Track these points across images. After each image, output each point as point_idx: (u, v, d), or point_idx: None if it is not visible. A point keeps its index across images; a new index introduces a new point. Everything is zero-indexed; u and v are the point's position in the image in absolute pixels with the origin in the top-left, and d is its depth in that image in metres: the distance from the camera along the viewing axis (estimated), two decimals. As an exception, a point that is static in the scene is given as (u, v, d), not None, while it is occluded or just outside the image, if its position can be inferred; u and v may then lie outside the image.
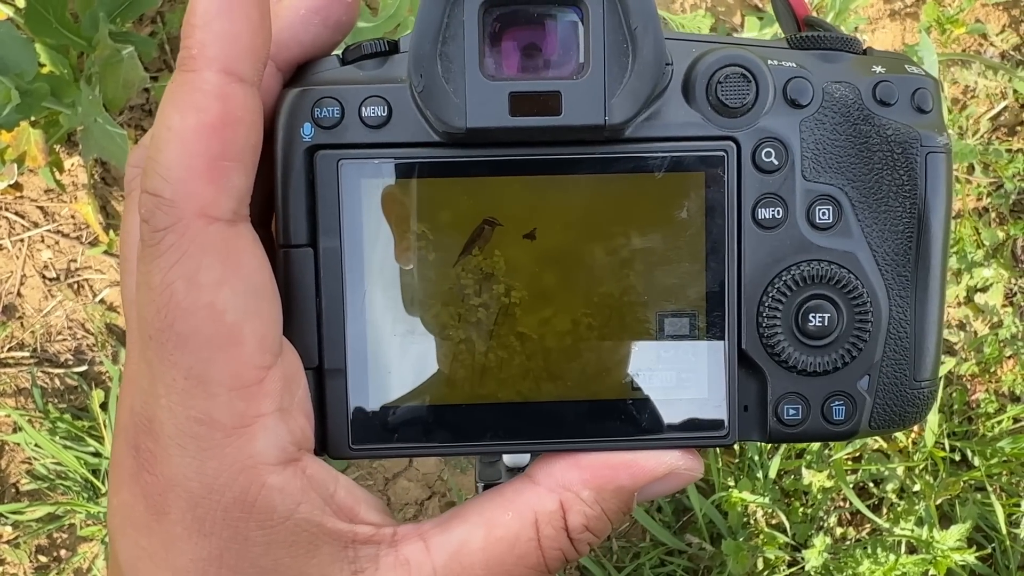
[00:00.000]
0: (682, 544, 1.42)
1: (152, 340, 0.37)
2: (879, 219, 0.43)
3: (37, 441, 1.44)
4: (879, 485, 1.44)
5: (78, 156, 1.49)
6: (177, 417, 0.37)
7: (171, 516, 0.38)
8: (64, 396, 1.51)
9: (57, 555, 1.49)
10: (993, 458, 1.40)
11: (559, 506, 0.41)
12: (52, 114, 1.32)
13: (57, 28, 1.23)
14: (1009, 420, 1.43)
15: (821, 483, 1.40)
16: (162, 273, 0.37)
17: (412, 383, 0.43)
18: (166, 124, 0.37)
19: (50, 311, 1.52)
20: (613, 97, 0.39)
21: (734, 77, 0.41)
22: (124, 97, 1.27)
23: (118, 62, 1.21)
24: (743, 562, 1.35)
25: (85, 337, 1.52)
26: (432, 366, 0.43)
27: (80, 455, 1.45)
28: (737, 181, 0.42)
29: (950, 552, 1.27)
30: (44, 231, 1.52)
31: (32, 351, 1.52)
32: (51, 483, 1.47)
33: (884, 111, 0.43)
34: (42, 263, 1.53)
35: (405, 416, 0.43)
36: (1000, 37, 1.56)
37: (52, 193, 1.52)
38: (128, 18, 1.30)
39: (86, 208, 1.49)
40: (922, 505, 1.38)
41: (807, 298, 0.43)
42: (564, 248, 0.42)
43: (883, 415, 0.44)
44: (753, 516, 1.43)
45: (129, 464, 0.39)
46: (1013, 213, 1.52)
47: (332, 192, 0.42)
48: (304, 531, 0.39)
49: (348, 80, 0.42)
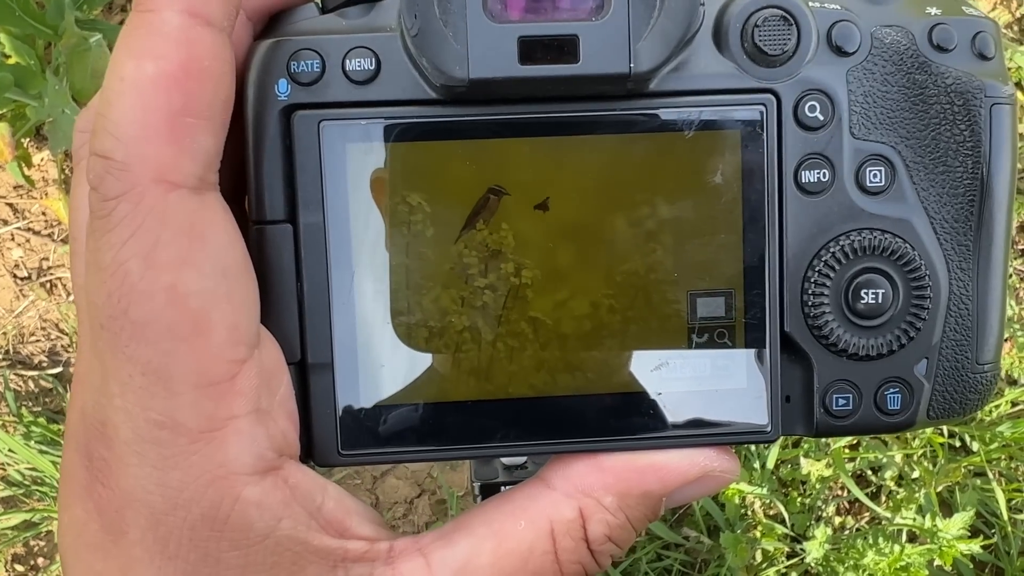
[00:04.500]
0: (679, 538, 1.40)
1: (104, 330, 0.33)
2: (937, 181, 0.39)
3: (11, 446, 1.43)
4: (878, 473, 1.43)
5: (47, 150, 1.46)
6: (134, 420, 0.33)
7: (130, 536, 0.34)
8: (38, 399, 1.48)
9: (34, 563, 1.46)
10: (992, 443, 1.39)
11: (578, 514, 0.38)
12: (18, 106, 1.32)
13: (21, 17, 1.22)
14: (1008, 404, 1.42)
15: (819, 472, 1.38)
16: (114, 250, 0.32)
17: (409, 378, 0.39)
18: (118, 74, 0.32)
19: (22, 311, 1.49)
20: (639, 41, 0.36)
21: (773, 20, 0.38)
22: (93, 87, 1.25)
23: (86, 51, 1.20)
24: (742, 555, 1.33)
25: (59, 338, 1.49)
26: (431, 358, 0.39)
27: (56, 460, 1.43)
28: (777, 140, 0.39)
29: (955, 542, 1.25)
30: (14, 229, 1.50)
31: (4, 353, 1.50)
32: (27, 489, 1.46)
33: (942, 58, 0.39)
34: (12, 262, 1.50)
35: (402, 416, 0.39)
36: (992, 14, 1.54)
37: (21, 189, 1.50)
38: (96, 5, 1.30)
39: (57, 204, 1.46)
40: (922, 492, 1.37)
41: (858, 272, 0.39)
42: (581, 220, 0.38)
43: (943, 403, 0.40)
44: (751, 507, 1.41)
45: (81, 475, 0.35)
46: (1009, 193, 1.50)
47: (313, 159, 0.38)
48: (287, 550, 0.34)
49: (329, 30, 0.38)
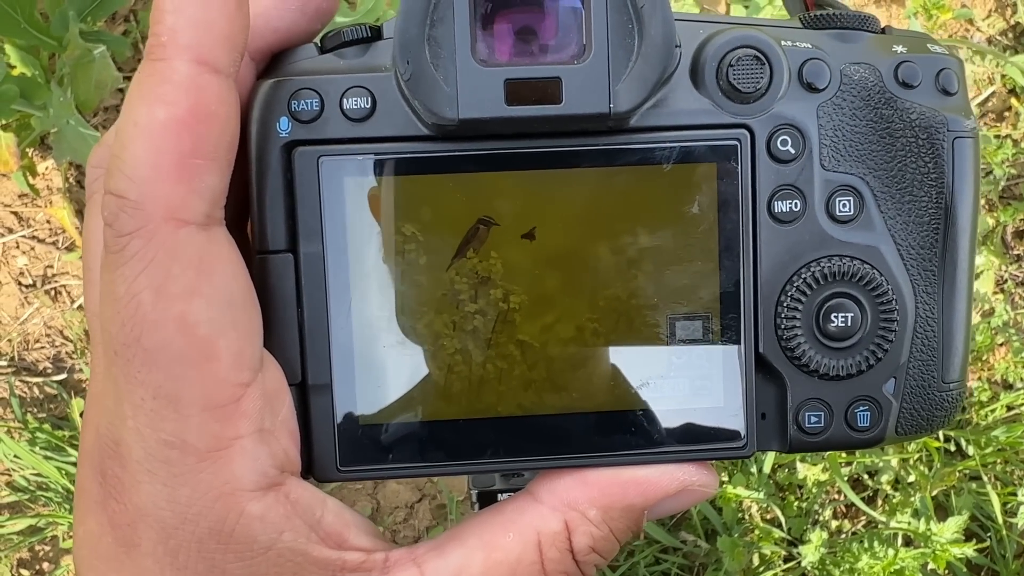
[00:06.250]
0: (677, 542, 1.40)
1: (118, 356, 0.35)
2: (903, 210, 0.41)
3: (16, 452, 1.42)
4: (874, 477, 1.43)
5: (52, 160, 1.46)
6: (146, 440, 0.35)
7: (141, 548, 0.35)
8: (43, 405, 1.48)
9: (39, 568, 1.46)
10: (988, 447, 1.39)
11: (564, 526, 0.39)
12: (23, 117, 1.31)
13: (26, 28, 1.22)
14: (1003, 408, 1.42)
15: (815, 477, 1.38)
16: (127, 283, 0.34)
17: (404, 398, 0.40)
18: (132, 119, 0.34)
19: (27, 319, 1.50)
20: (618, 83, 0.37)
21: (746, 60, 0.39)
22: (97, 98, 1.25)
23: (90, 62, 1.19)
24: (739, 558, 1.34)
25: (64, 344, 1.50)
26: (425, 379, 0.40)
27: (61, 465, 1.43)
28: (751, 172, 0.40)
29: (948, 545, 1.25)
30: (19, 237, 1.50)
31: (9, 360, 1.49)
32: (32, 495, 1.45)
33: (907, 94, 0.40)
34: (18, 270, 1.50)
35: (397, 434, 0.40)
36: (986, 22, 1.54)
37: (26, 198, 1.50)
38: (99, 17, 1.29)
39: (61, 212, 1.46)
40: (917, 496, 1.37)
41: (828, 297, 0.40)
42: (566, 248, 0.39)
43: (910, 420, 0.41)
44: (748, 511, 1.41)
45: (95, 491, 0.37)
46: (1003, 199, 1.51)
47: (312, 192, 0.39)
48: (288, 561, 0.36)
49: (328, 70, 0.39)
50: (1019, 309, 1.47)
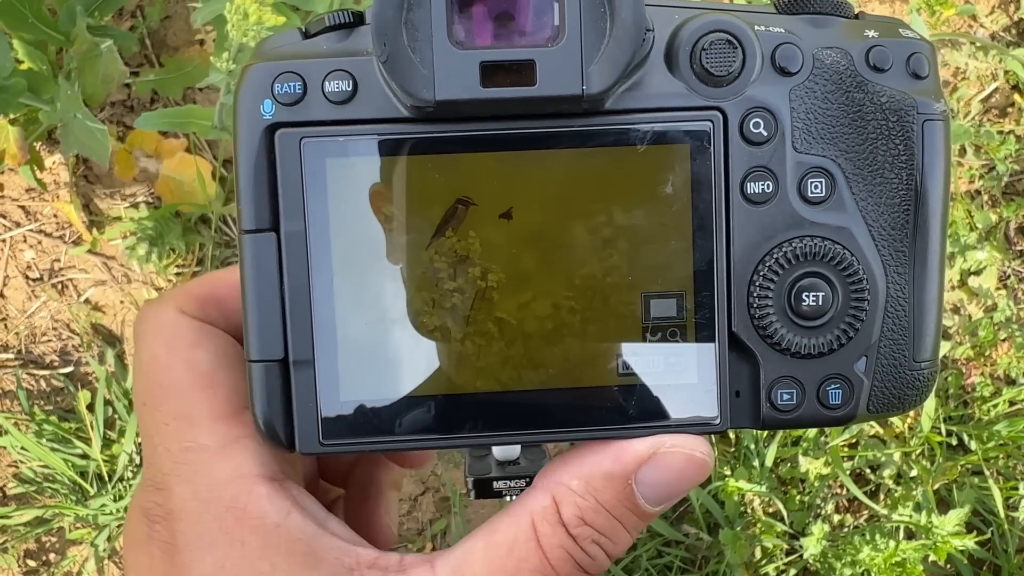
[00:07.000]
0: (679, 535, 1.41)
1: (145, 406, 0.42)
2: (874, 192, 0.41)
3: (23, 444, 1.43)
4: (876, 471, 1.43)
5: (59, 153, 1.47)
6: (172, 452, 0.41)
7: (178, 545, 0.41)
8: (50, 398, 1.49)
9: (46, 559, 1.47)
10: (990, 442, 1.39)
11: (552, 500, 0.41)
12: (31, 111, 1.32)
13: (34, 23, 1.22)
14: (1005, 403, 1.42)
15: (818, 470, 1.38)
16: (148, 348, 0.43)
17: (385, 374, 0.41)
18: None
19: (34, 312, 1.51)
20: (591, 65, 0.37)
21: (719, 44, 0.40)
22: (104, 92, 1.26)
23: (97, 56, 1.20)
24: (741, 551, 1.34)
25: (70, 338, 1.51)
26: (405, 355, 0.41)
27: (67, 457, 1.44)
28: (724, 154, 0.40)
29: (949, 538, 1.25)
30: (26, 231, 1.51)
31: (16, 353, 1.50)
32: (39, 486, 1.46)
33: (878, 77, 0.41)
34: (25, 263, 1.51)
35: (378, 409, 0.41)
36: (990, 18, 1.54)
37: (33, 192, 1.50)
38: (106, 12, 1.29)
39: (68, 207, 1.47)
40: (920, 490, 1.37)
41: (800, 276, 0.41)
42: (542, 227, 0.40)
43: (882, 398, 0.42)
44: (750, 505, 1.42)
45: (142, 530, 0.42)
46: (1005, 195, 1.51)
47: (295, 173, 0.40)
48: (299, 540, 0.40)
49: (310, 54, 0.40)
50: (1022, 305, 1.47)
